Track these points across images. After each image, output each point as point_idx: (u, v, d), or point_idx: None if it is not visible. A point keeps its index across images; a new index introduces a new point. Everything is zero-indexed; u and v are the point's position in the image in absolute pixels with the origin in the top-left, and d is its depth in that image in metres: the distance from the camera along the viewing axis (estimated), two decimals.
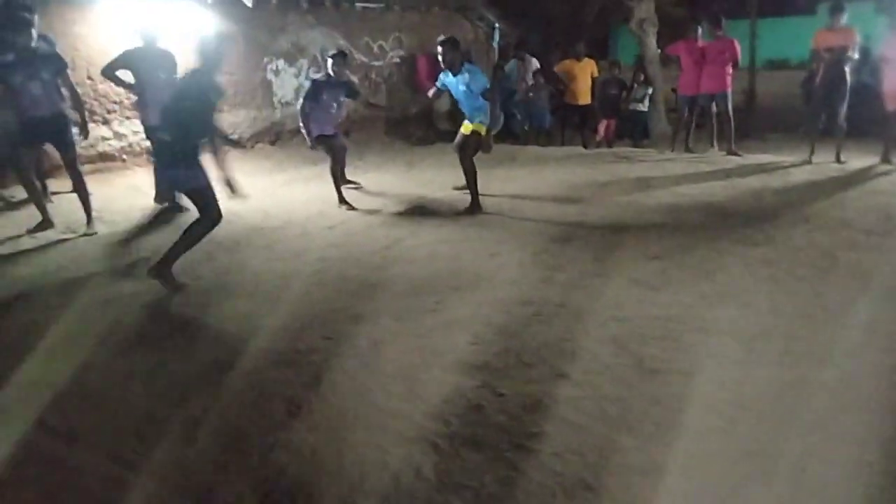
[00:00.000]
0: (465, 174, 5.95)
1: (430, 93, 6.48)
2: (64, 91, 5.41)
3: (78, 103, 5.56)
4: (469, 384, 2.96)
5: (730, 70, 8.25)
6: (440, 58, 5.91)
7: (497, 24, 13.15)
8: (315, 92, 6.26)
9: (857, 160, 7.50)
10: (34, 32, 5.27)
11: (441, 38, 6.01)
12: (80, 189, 5.54)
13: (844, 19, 7.33)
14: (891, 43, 7.12)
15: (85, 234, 5.42)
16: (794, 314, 3.60)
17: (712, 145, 8.65)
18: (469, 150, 5.95)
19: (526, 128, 10.78)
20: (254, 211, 6.00)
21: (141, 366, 3.25)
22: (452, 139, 6.40)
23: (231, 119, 8.99)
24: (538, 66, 10.75)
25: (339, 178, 6.32)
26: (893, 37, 7.14)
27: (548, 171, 7.61)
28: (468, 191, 5.98)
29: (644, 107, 10.74)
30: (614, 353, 3.21)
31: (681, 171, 7.41)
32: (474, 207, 5.90)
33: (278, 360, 3.26)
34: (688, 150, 8.70)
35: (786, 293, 3.88)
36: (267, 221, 5.74)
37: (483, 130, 5.86)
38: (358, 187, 6.90)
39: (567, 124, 10.76)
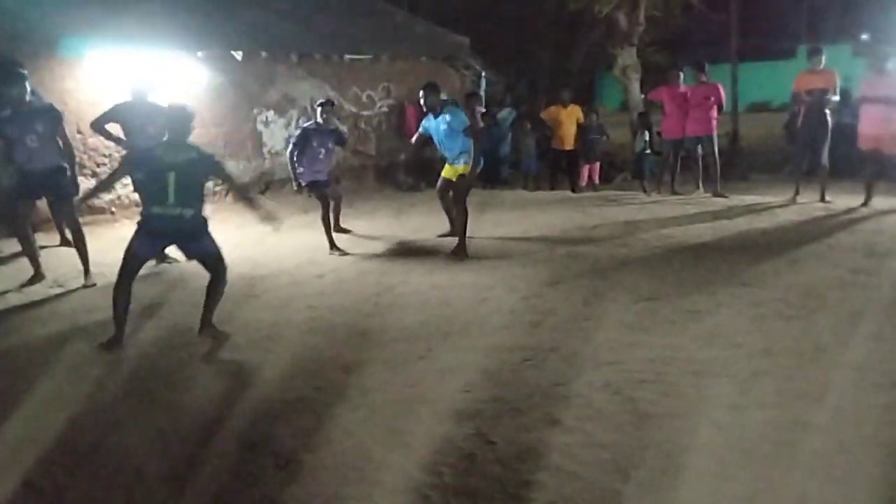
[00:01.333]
0: (458, 217, 6.01)
1: (414, 139, 6.59)
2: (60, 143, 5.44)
3: (70, 157, 5.58)
4: (461, 433, 2.92)
5: (714, 114, 8.41)
6: (422, 101, 6.10)
7: (483, 73, 13.38)
8: (304, 139, 6.39)
9: (841, 199, 7.59)
10: (28, 86, 5.32)
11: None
12: (79, 241, 5.51)
13: (823, 61, 7.51)
14: (871, 83, 7.28)
15: (84, 286, 5.38)
16: (785, 354, 3.59)
17: (698, 187, 8.75)
18: (462, 195, 6.03)
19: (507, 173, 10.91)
20: (243, 260, 5.98)
21: (129, 420, 3.19)
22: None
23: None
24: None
25: (330, 225, 6.35)
26: (873, 77, 7.30)
27: (537, 214, 7.66)
28: (453, 235, 6.03)
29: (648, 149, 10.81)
30: (607, 397, 3.18)
31: (668, 213, 7.47)
32: (461, 251, 5.91)
33: (267, 412, 3.21)
34: (674, 192, 8.80)
35: (776, 333, 3.87)
36: (256, 270, 5.72)
37: (468, 171, 5.99)
38: (348, 233, 6.92)
39: (555, 169, 10.87)
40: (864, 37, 23.73)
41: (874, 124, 7.08)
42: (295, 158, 6.42)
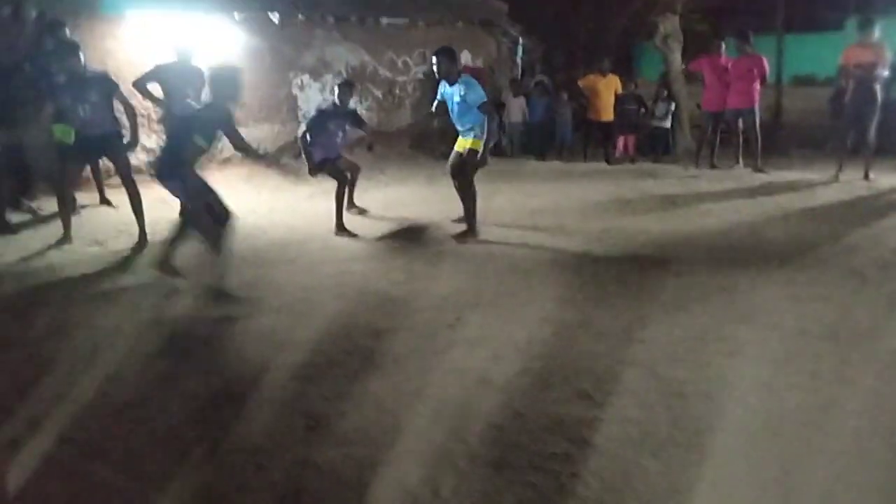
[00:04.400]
0: (465, 199, 5.61)
1: (434, 107, 6.14)
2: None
3: (132, 118, 5.67)
4: (489, 403, 2.93)
5: (757, 86, 8.18)
6: (434, 68, 5.66)
7: (521, 40, 13.17)
8: (320, 121, 6.14)
9: (885, 178, 7.37)
10: (82, 56, 5.42)
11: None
12: (136, 202, 5.62)
13: (875, 35, 7.23)
14: None
15: (137, 246, 5.49)
16: (821, 335, 3.53)
17: (738, 162, 8.56)
18: (470, 172, 5.60)
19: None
20: (278, 225, 6.04)
21: (163, 380, 3.27)
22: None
23: (256, 133, 9.07)
24: None
25: (342, 203, 6.01)
26: None
27: (570, 186, 7.59)
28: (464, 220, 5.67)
29: (666, 123, 10.70)
30: (638, 374, 3.17)
31: (706, 188, 7.34)
32: (469, 234, 5.54)
33: (299, 375, 3.26)
34: (712, 166, 8.62)
35: (813, 314, 3.81)
36: (291, 235, 5.78)
37: (480, 146, 5.51)
38: (363, 213, 6.63)
39: (590, 140, 10.73)
40: None
41: None
42: (308, 141, 6.05)
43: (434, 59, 5.66)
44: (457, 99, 5.58)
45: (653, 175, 8.24)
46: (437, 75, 5.70)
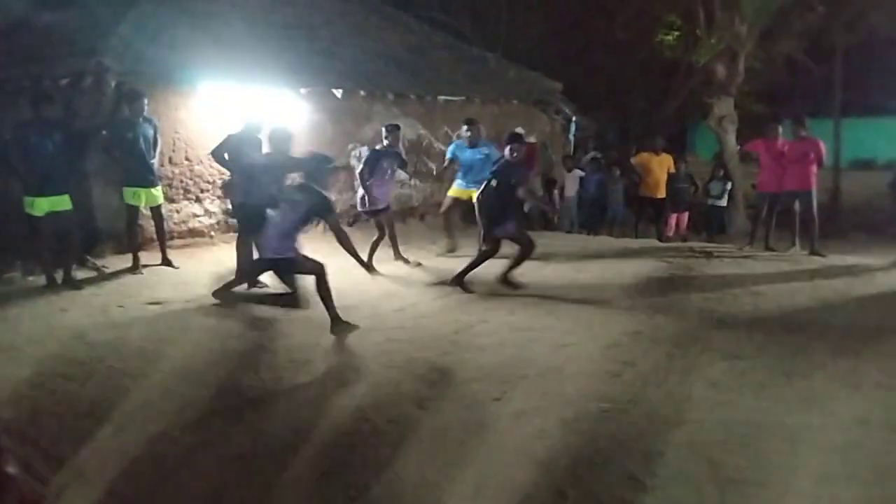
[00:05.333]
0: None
1: (446, 162, 8.04)
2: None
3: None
4: (532, 481, 2.88)
5: (814, 169, 8.09)
6: (466, 133, 7.58)
7: (574, 118, 13.41)
8: (375, 159, 6.83)
9: None
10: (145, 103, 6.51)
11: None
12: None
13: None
14: None
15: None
16: (882, 425, 3.37)
17: (794, 244, 8.39)
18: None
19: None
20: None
21: (214, 440, 3.31)
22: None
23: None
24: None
25: (372, 250, 6.96)
26: None
27: (621, 263, 7.54)
28: (451, 251, 7.47)
29: (722, 202, 10.65)
30: (689, 458, 3.07)
31: (761, 269, 7.20)
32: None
33: (342, 442, 3.26)
34: (768, 248, 8.47)
35: (874, 402, 3.65)
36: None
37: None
38: (409, 263, 7.27)
39: (641, 217, 10.71)
40: None
41: None
42: (366, 178, 6.93)
43: (464, 129, 7.67)
44: (479, 157, 7.42)
45: (706, 254, 8.13)
46: (466, 141, 7.64)
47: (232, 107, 7.82)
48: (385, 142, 7.16)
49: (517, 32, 16.73)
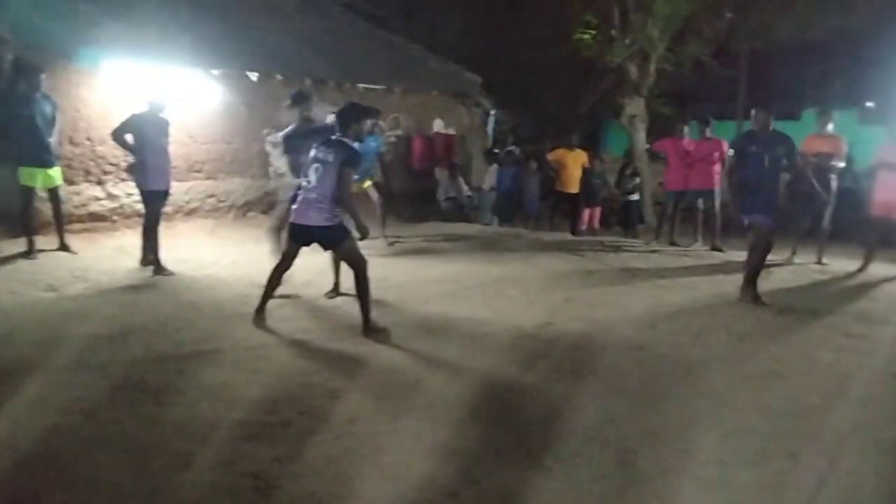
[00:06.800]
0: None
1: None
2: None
3: None
4: (445, 469, 2.89)
5: (718, 169, 8.48)
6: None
7: (493, 112, 13.55)
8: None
9: (837, 263, 7.62)
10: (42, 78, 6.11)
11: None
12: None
13: (831, 126, 7.58)
14: (889, 150, 7.26)
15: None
16: (775, 413, 3.58)
17: (697, 240, 8.80)
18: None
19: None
20: (241, 279, 5.99)
21: (108, 432, 3.16)
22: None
23: (225, 186, 9.09)
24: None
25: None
26: (892, 145, 7.28)
27: (536, 256, 7.69)
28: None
29: (637, 196, 11.04)
30: (596, 447, 3.15)
31: (665, 263, 7.50)
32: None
33: (250, 434, 3.18)
34: (672, 243, 8.84)
35: (767, 391, 3.87)
36: (253, 289, 5.71)
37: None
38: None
39: (556, 211, 10.95)
40: (870, 104, 24.06)
41: (888, 192, 7.08)
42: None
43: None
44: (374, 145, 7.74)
45: (615, 248, 8.40)
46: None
47: (138, 85, 7.47)
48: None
49: (440, 24, 16.75)
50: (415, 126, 11.45)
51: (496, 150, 12.62)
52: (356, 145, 4.75)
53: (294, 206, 4.72)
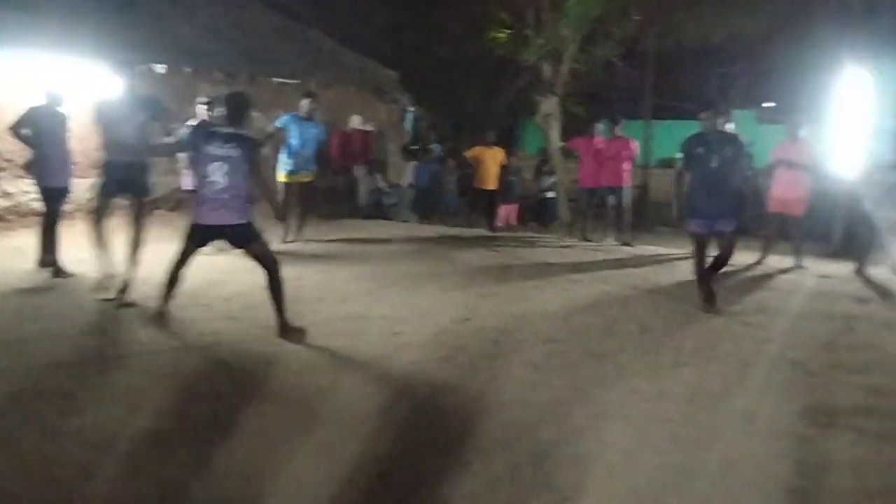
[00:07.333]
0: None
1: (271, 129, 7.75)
2: None
3: None
4: (358, 472, 2.87)
5: (628, 166, 8.78)
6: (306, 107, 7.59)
7: (410, 108, 13.56)
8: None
9: (737, 256, 7.98)
10: None
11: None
12: None
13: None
14: (784, 148, 7.66)
15: None
16: (679, 400, 3.74)
17: (608, 235, 9.08)
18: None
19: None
20: (147, 280, 5.74)
21: (5, 443, 2.98)
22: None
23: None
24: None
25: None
26: (787, 143, 7.68)
27: (454, 251, 7.74)
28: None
29: (553, 193, 11.32)
30: (508, 436, 3.22)
31: (579, 258, 7.71)
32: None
33: (156, 441, 3.07)
34: (585, 238, 9.09)
35: (672, 379, 4.03)
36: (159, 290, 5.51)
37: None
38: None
39: (474, 207, 11.07)
40: (768, 105, 25.53)
41: (784, 188, 7.48)
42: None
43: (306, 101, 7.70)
44: (312, 132, 7.77)
45: (530, 244, 8.58)
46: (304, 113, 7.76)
47: (36, 78, 7.06)
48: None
49: (356, 19, 16.57)
50: (332, 122, 11.32)
51: (414, 147, 12.65)
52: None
53: (199, 208, 4.50)
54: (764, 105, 24.85)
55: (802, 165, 7.39)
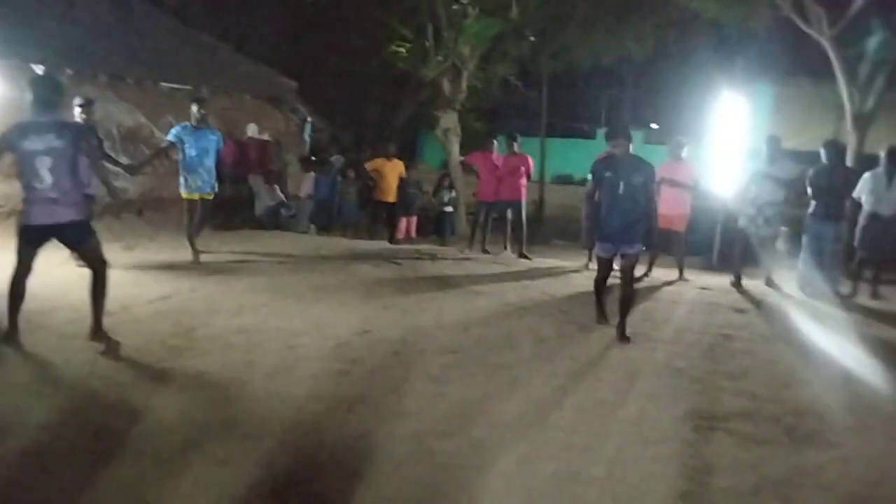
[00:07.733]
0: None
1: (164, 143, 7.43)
2: None
3: None
4: (255, 490, 2.78)
5: (524, 181, 9.02)
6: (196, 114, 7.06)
7: (309, 119, 13.37)
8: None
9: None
10: None
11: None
12: None
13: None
14: (668, 168, 8.05)
15: None
16: (573, 408, 3.85)
17: (506, 248, 9.29)
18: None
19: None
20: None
21: None
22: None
23: (5, 190, 8.11)
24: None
25: None
26: (671, 163, 8.09)
27: (353, 264, 7.67)
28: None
29: (451, 208, 11.45)
30: (409, 449, 3.20)
31: (478, 270, 7.82)
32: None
33: (32, 463, 2.85)
34: (484, 251, 9.26)
35: (566, 388, 4.15)
36: (35, 303, 5.12)
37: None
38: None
39: (375, 219, 11.03)
40: (654, 125, 27.08)
41: (668, 206, 7.86)
42: None
43: (195, 107, 7.12)
44: (210, 140, 7.18)
45: (430, 256, 8.62)
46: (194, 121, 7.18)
47: None
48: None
49: (252, 26, 16.23)
50: (226, 131, 10.99)
51: (313, 158, 12.48)
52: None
53: (30, 209, 4.17)
54: (651, 126, 26.26)
55: (685, 184, 7.83)
